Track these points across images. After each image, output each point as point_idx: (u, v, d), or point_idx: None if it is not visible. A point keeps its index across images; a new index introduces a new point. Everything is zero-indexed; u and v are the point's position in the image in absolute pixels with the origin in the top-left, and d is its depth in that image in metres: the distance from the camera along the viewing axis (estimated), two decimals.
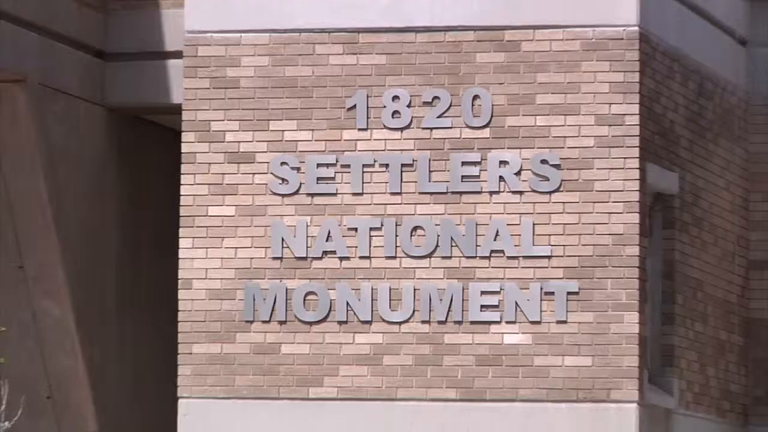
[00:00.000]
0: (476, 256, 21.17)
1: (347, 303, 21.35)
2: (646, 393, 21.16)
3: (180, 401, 21.48)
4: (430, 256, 21.24)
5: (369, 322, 21.27)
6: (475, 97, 21.13)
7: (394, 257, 21.30)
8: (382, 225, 21.39)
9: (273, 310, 21.46)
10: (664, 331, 21.97)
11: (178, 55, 22.57)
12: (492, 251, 21.12)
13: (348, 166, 21.41)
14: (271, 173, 21.54)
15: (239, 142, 21.71)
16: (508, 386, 20.99)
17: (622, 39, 21.14)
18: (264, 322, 21.44)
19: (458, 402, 21.13)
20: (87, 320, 23.46)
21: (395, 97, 21.31)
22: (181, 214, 21.83)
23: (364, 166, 21.42)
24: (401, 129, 21.35)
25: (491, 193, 21.17)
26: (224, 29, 21.77)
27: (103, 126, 24.13)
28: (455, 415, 21.09)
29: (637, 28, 21.09)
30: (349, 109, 21.42)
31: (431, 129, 21.28)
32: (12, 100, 22.56)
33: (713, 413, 23.09)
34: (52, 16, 23.25)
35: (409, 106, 21.29)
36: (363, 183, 21.46)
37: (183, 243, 21.70)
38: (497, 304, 21.08)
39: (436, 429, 21.26)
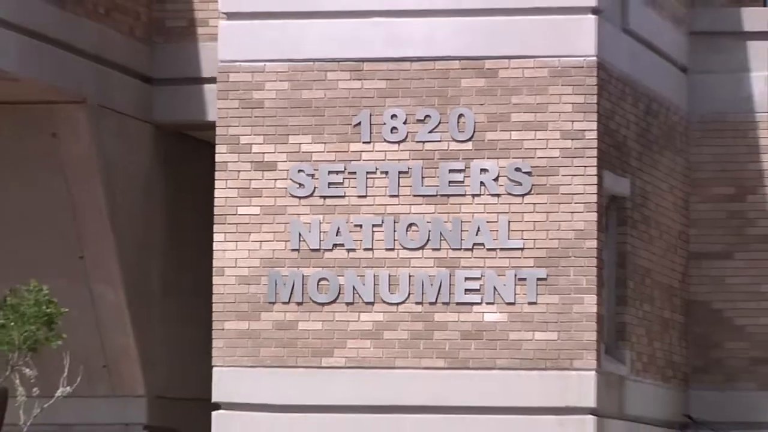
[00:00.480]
0: (461, 248, 21.37)
1: (353, 287, 21.53)
2: (603, 362, 21.35)
3: (214, 369, 21.66)
4: (422, 248, 21.40)
5: (372, 303, 21.45)
6: (460, 115, 21.32)
7: (393, 249, 21.48)
8: (382, 222, 21.56)
9: (291, 293, 21.60)
10: (618, 311, 22.27)
11: (212, 80, 22.57)
12: (474, 244, 21.30)
13: (354, 173, 21.55)
14: (290, 179, 21.68)
15: (263, 153, 21.81)
16: (487, 357, 21.19)
17: (583, 67, 21.30)
18: (284, 303, 21.59)
19: (446, 370, 21.28)
20: (136, 302, 23.59)
21: (393, 116, 21.46)
22: (215, 213, 21.94)
23: (367, 173, 21.57)
24: (398, 142, 21.51)
25: (473, 195, 21.37)
26: (251, 59, 21.86)
27: (150, 140, 24.21)
28: (443, 381, 21.21)
29: (595, 58, 21.29)
30: (355, 125, 21.54)
31: (423, 142, 21.44)
32: (74, 118, 22.56)
33: (659, 379, 23.26)
34: (107, 47, 23.17)
35: (405, 123, 21.44)
36: (367, 187, 21.59)
37: (216, 237, 21.84)
38: (478, 288, 21.28)
39: (428, 393, 21.30)
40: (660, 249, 23.83)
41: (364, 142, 21.63)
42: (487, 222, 21.40)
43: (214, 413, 21.51)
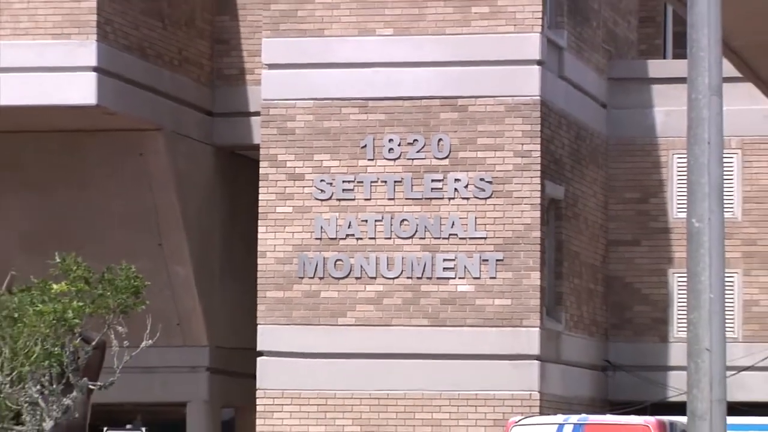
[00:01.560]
0: (440, 237, 21.43)
1: (361, 266, 21.56)
2: (544, 321, 21.58)
3: (259, 326, 21.65)
4: (411, 237, 21.42)
5: (374, 278, 21.49)
6: (440, 139, 21.33)
7: (390, 238, 21.50)
8: (382, 218, 21.58)
9: (315, 270, 21.58)
10: (556, 284, 22.25)
11: (257, 113, 22.61)
12: (450, 234, 21.39)
13: (361, 182, 21.52)
14: (314, 186, 21.61)
15: (294, 167, 21.74)
16: (459, 317, 21.36)
17: (530, 104, 21.38)
18: (309, 278, 21.56)
19: (429, 327, 21.34)
20: (201, 277, 23.73)
21: (390, 140, 21.44)
22: (259, 212, 21.86)
23: (371, 182, 21.57)
24: (394, 159, 21.49)
25: (449, 198, 21.46)
26: (285, 98, 21.76)
27: (211, 158, 24.28)
28: (427, 336, 21.34)
29: (539, 98, 21.40)
30: (362, 147, 21.50)
31: (412, 159, 21.43)
32: (155, 142, 22.67)
33: (586, 334, 23.24)
34: (180, 89, 23.23)
35: (399, 145, 21.45)
36: (371, 192, 21.59)
37: (260, 230, 21.76)
38: (453, 267, 21.39)
39: (416, 344, 21.39)
40: (586, 238, 24.25)
41: (368, 159, 21.63)
42: (459, 218, 21.51)
43: (258, 359, 21.58)
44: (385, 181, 21.65)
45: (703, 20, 8.96)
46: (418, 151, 21.56)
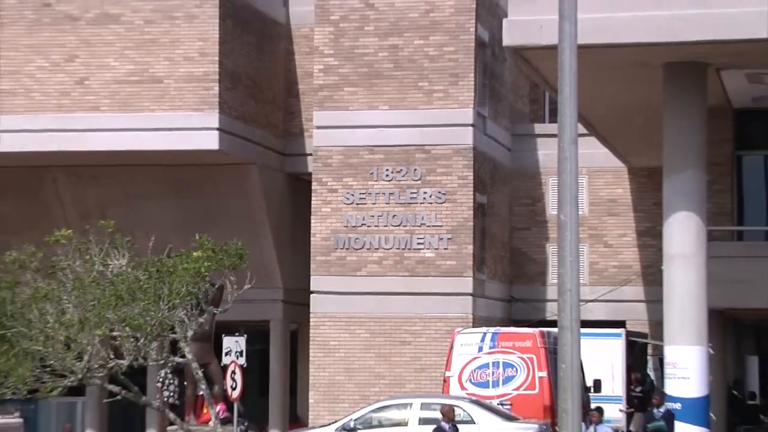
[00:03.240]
0: (415, 225, 20.86)
1: (370, 242, 20.98)
2: (475, 274, 20.98)
3: (311, 277, 21.40)
4: (398, 225, 20.87)
5: (377, 249, 20.93)
6: (415, 169, 20.82)
7: (387, 226, 20.92)
8: (382, 215, 21.00)
9: (343, 244, 21.04)
10: (481, 253, 21.62)
11: (310, 154, 22.00)
12: (421, 224, 20.81)
13: (370, 194, 20.98)
14: (343, 196, 21.11)
15: (331, 185, 21.21)
16: (427, 272, 20.80)
17: (467, 149, 20.87)
18: (340, 249, 21.04)
19: (409, 277, 20.77)
20: (279, 249, 22.77)
21: (387, 169, 20.99)
22: (312, 211, 21.24)
23: (376, 194, 21.00)
24: (389, 180, 20.99)
25: (420, 203, 20.86)
26: (327, 145, 21.24)
27: (284, 180, 23.46)
28: (408, 282, 20.82)
29: (472, 145, 20.93)
30: (371, 173, 20.99)
31: (399, 181, 20.92)
32: (251, 171, 22.00)
33: (498, 281, 22.77)
34: (265, 140, 22.59)
35: (392, 173, 20.96)
36: (375, 200, 21.03)
37: (312, 221, 21.22)
38: (423, 242, 20.81)
39: (402, 287, 20.86)
40: (499, 226, 23.46)
41: (374, 181, 21.06)
42: (426, 215, 20.87)
43: (311, 295, 21.11)
44: (384, 193, 21.12)
45: (566, 102, 9.30)
46: (403, 176, 21.07)
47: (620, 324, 21.48)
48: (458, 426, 13.69)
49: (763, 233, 20.31)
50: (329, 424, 15.64)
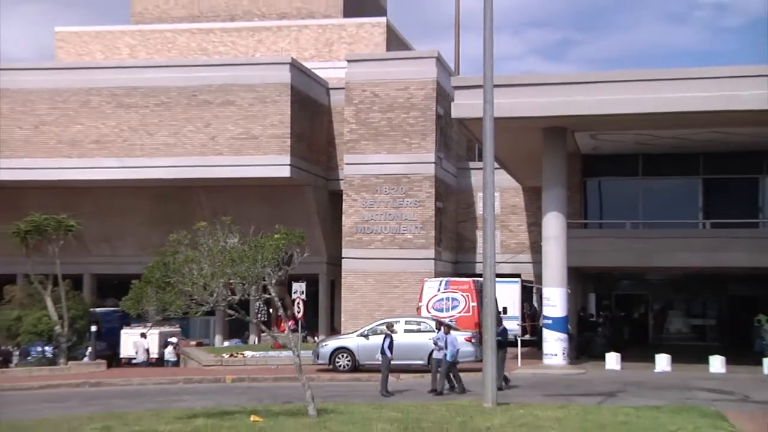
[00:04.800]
0: (402, 221, 20.35)
1: (375, 230, 20.46)
2: (435, 248, 20.44)
3: (343, 249, 20.82)
4: (392, 220, 20.33)
5: (379, 234, 20.45)
6: (402, 188, 20.47)
7: (386, 221, 20.45)
8: (383, 215, 20.47)
9: (361, 231, 20.54)
10: (438, 236, 20.78)
11: (343, 179, 21.24)
12: (404, 219, 20.37)
13: (376, 202, 20.52)
14: (360, 203, 20.59)
15: (353, 198, 20.59)
16: (408, 246, 20.35)
17: (431, 177, 20.44)
18: (358, 234, 20.54)
19: (398, 250, 20.30)
20: (326, 234, 21.79)
21: (385, 188, 20.57)
22: (342, 213, 20.74)
23: (379, 202, 20.52)
24: (387, 194, 20.53)
25: (404, 207, 20.39)
26: (350, 174, 20.66)
27: (327, 195, 22.29)
28: (397, 252, 20.33)
29: (434, 175, 20.50)
30: (376, 190, 20.55)
31: (395, 198, 20.40)
32: (306, 190, 21.49)
33: (450, 252, 22.43)
34: (316, 170, 21.62)
35: (388, 190, 20.53)
36: (379, 205, 20.50)
37: (344, 218, 20.70)
38: (406, 230, 20.32)
39: (395, 255, 20.32)
40: (451, 220, 22.56)
41: (378, 194, 20.59)
42: (408, 214, 20.41)
43: (343, 259, 20.65)
44: (383, 202, 20.62)
45: (487, 149, 9.47)
46: (395, 192, 20.60)
47: (518, 276, 21.11)
48: (426, 333, 13.82)
49: (597, 224, 19.66)
50: (352, 332, 15.61)
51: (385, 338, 11.72)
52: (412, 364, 13.75)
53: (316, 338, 21.07)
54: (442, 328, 11.70)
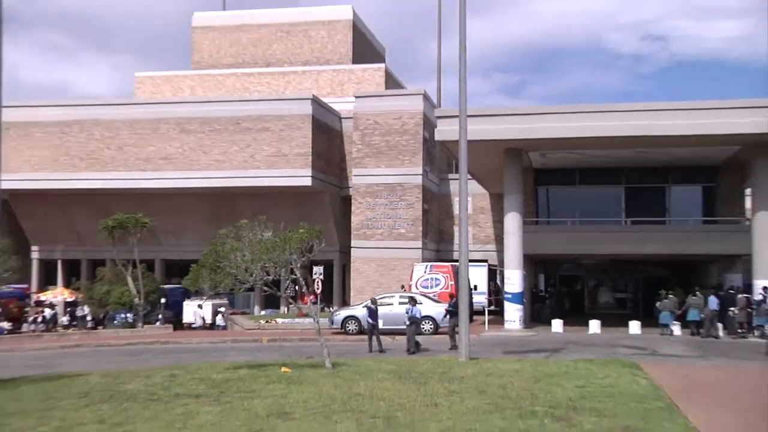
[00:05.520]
0: (396, 219, 20.06)
1: (377, 226, 20.13)
2: (423, 239, 19.89)
3: (352, 240, 20.32)
4: (389, 218, 20.03)
5: (380, 229, 20.13)
6: (397, 193, 20.06)
7: (383, 219, 20.15)
8: (382, 214, 20.19)
9: (366, 227, 20.17)
10: (425, 230, 20.42)
11: (352, 187, 20.78)
12: (399, 218, 20.06)
13: (378, 205, 20.19)
14: (365, 206, 20.27)
15: (360, 201, 20.24)
16: (401, 238, 19.81)
17: (419, 186, 20.11)
18: (364, 229, 20.19)
19: (395, 241, 19.96)
20: (340, 233, 21.19)
21: (384, 195, 20.19)
22: (351, 213, 20.52)
23: (380, 204, 20.23)
24: (385, 199, 20.23)
25: (399, 209, 20.03)
26: (358, 183, 20.30)
27: (340, 200, 21.47)
28: (395, 243, 19.71)
29: (422, 184, 20.19)
30: (377, 195, 20.22)
31: (390, 199, 20.12)
32: (324, 196, 20.66)
33: (433, 242, 21.75)
34: (330, 180, 21.19)
35: (386, 195, 20.14)
36: (379, 207, 20.22)
37: (352, 217, 20.35)
38: (400, 226, 19.97)
39: (392, 245, 19.74)
40: (433, 219, 21.58)
41: (378, 199, 20.31)
42: (402, 214, 20.12)
43: (352, 249, 20.40)
44: (383, 204, 20.28)
45: (462, 164, 9.49)
46: (391, 197, 20.30)
47: (485, 261, 20.68)
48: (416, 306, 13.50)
49: (545, 222, 18.98)
50: (359, 304, 15.58)
51: (368, 309, 11.56)
52: (395, 330, 13.70)
53: (331, 309, 20.97)
54: (410, 302, 11.67)
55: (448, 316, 12.54)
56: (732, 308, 12.77)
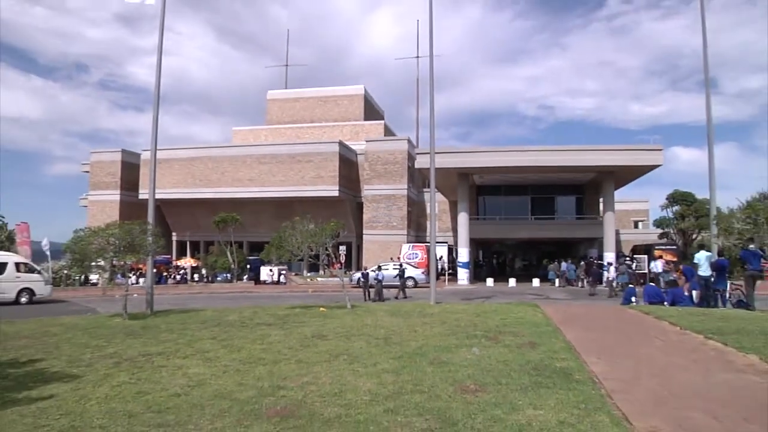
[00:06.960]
0: (391, 218, 19.39)
1: (379, 221, 19.49)
2: (407, 230, 18.81)
3: (363, 234, 19.57)
4: (386, 218, 19.42)
5: (380, 224, 19.45)
6: (391, 201, 19.47)
7: (383, 218, 19.57)
8: (382, 214, 19.51)
9: (373, 222, 19.43)
10: (408, 225, 19.38)
11: (364, 197, 19.65)
12: (392, 217, 19.33)
13: (379, 209, 19.45)
14: (372, 209, 19.52)
15: (368, 206, 19.49)
16: (396, 228, 19.00)
17: (405, 197, 19.54)
18: (371, 222, 19.47)
19: (389, 229, 19.24)
20: (354, 225, 20.12)
21: (383, 204, 19.47)
22: (363, 212, 20.07)
23: (380, 207, 19.46)
24: (384, 206, 19.61)
25: (392, 212, 19.41)
26: (368, 194, 19.56)
27: (356, 205, 20.40)
28: (388, 231, 18.98)
29: (406, 192, 19.48)
30: (379, 203, 19.52)
31: (387, 205, 19.38)
32: (346, 203, 19.72)
33: (413, 232, 20.03)
34: (350, 192, 20.30)
35: (385, 203, 19.45)
36: (381, 210, 19.49)
37: (363, 214, 19.80)
38: (392, 222, 19.25)
39: (388, 235, 18.88)
40: (414, 217, 20.34)
41: (380, 205, 19.52)
42: (394, 215, 19.44)
43: (363, 235, 19.43)
44: (382, 209, 19.66)
45: (432, 182, 9.32)
46: (388, 204, 19.66)
47: (446, 242, 18.41)
48: (380, 271, 12.75)
49: (483, 218, 17.71)
50: (368, 268, 15.03)
51: (362, 275, 11.22)
52: (393, 285, 13.31)
53: (351, 272, 20.22)
54: (380, 268, 11.25)
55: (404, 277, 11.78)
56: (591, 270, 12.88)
